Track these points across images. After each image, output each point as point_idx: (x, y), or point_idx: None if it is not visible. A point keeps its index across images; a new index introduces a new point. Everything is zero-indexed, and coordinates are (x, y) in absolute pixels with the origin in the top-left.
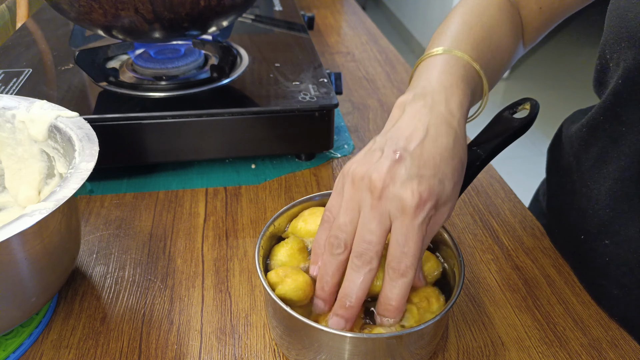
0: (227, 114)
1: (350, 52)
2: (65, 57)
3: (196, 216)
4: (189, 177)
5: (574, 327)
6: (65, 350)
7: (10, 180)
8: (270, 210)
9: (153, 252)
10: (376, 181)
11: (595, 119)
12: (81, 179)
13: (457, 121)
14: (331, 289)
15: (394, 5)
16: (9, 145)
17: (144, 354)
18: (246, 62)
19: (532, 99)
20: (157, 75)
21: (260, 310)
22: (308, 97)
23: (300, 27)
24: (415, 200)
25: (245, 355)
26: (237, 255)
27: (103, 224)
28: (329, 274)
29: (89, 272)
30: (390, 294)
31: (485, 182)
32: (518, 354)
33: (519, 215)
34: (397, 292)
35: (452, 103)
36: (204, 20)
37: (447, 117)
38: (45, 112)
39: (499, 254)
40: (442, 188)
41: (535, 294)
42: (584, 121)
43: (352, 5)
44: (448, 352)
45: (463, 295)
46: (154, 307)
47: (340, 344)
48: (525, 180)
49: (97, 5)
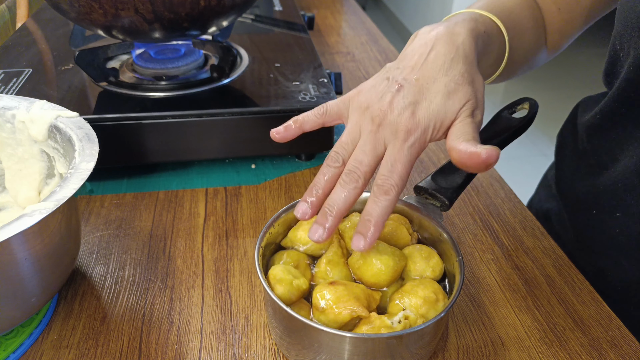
0: (227, 114)
1: (350, 52)
2: (65, 57)
3: (196, 216)
4: (189, 177)
5: (574, 327)
6: (65, 350)
7: (10, 181)
8: (270, 210)
9: (153, 252)
10: (377, 111)
11: (608, 105)
12: (81, 179)
13: (461, 39)
14: (319, 195)
15: (394, 5)
16: (9, 146)
17: (144, 354)
18: (246, 62)
19: (531, 98)
20: (157, 75)
21: (260, 310)
22: (308, 97)
23: (300, 27)
24: (407, 126)
25: (245, 355)
26: (237, 255)
27: (103, 224)
28: (321, 182)
29: (89, 272)
30: (371, 210)
31: (485, 182)
32: (518, 354)
33: (519, 215)
34: (378, 209)
35: (459, 27)
36: (204, 20)
37: (451, 37)
38: (45, 112)
39: (499, 254)
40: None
41: (535, 294)
42: (597, 109)
43: (352, 5)
44: (448, 352)
45: (463, 295)
46: (154, 307)
47: (340, 344)
48: (525, 180)
49: (97, 5)
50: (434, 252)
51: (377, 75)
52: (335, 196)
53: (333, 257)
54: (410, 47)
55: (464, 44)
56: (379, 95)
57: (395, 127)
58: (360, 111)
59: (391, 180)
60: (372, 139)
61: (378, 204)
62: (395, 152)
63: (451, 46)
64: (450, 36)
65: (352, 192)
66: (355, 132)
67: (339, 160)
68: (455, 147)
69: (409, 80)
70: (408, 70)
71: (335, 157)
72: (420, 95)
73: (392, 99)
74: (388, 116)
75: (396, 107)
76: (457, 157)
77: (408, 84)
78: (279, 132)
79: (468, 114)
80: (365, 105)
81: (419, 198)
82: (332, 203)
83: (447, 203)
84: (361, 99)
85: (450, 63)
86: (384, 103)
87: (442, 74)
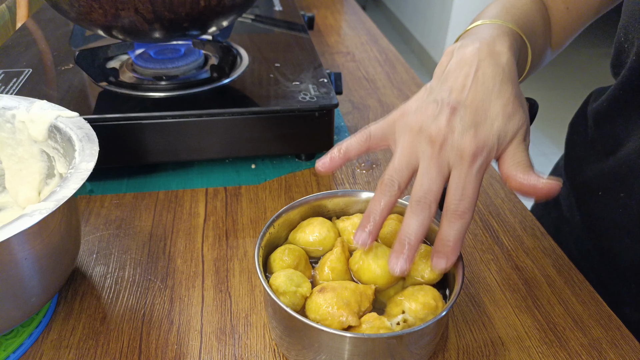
0: (227, 114)
1: (350, 52)
2: (65, 57)
3: (196, 216)
4: (189, 177)
5: (574, 327)
6: (66, 350)
7: (10, 181)
8: (270, 210)
9: (153, 252)
10: (436, 135)
11: (615, 93)
12: (81, 179)
13: (505, 59)
14: (377, 223)
15: (394, 5)
16: (9, 146)
17: (144, 354)
18: (246, 62)
19: (531, 98)
20: (157, 75)
21: (260, 310)
22: (308, 97)
23: (300, 27)
24: (473, 148)
25: (245, 355)
26: (237, 255)
27: (103, 224)
28: (377, 209)
29: (89, 272)
30: (448, 235)
31: (485, 182)
32: (518, 354)
33: (519, 215)
34: (455, 233)
35: (499, 45)
36: (204, 20)
37: (494, 57)
38: (45, 112)
39: (499, 254)
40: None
41: (535, 294)
42: (604, 97)
43: (352, 5)
44: (448, 352)
45: (463, 295)
46: (154, 307)
47: (340, 344)
48: None
49: (97, 5)
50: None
51: (419, 96)
52: (410, 228)
53: (336, 265)
54: (451, 66)
55: (508, 64)
56: (432, 117)
57: (459, 149)
58: (412, 134)
59: (463, 206)
60: (435, 164)
61: (454, 228)
62: (464, 176)
63: (497, 67)
64: (493, 56)
65: (427, 220)
66: (410, 155)
67: (394, 185)
68: (515, 176)
69: (462, 102)
70: (457, 92)
71: (390, 184)
72: (478, 116)
73: (449, 121)
74: (449, 138)
75: (456, 128)
76: (517, 187)
77: (462, 106)
78: (324, 165)
79: (522, 139)
80: (417, 127)
81: None
82: (407, 234)
83: None
84: (410, 121)
85: (500, 85)
86: (440, 125)
87: (495, 97)
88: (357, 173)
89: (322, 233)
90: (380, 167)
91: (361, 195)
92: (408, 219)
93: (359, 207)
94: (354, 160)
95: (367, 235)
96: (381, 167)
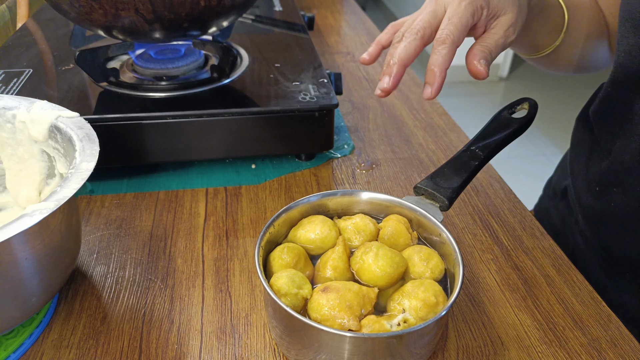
0: (227, 114)
1: (350, 52)
2: (65, 57)
3: (196, 216)
4: (189, 177)
5: (574, 327)
6: (66, 350)
7: (10, 181)
8: (270, 210)
9: (153, 252)
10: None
11: (606, 92)
12: (82, 179)
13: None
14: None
15: (394, 5)
16: (9, 146)
17: (145, 354)
18: (246, 62)
19: (530, 99)
20: (157, 75)
21: (260, 310)
22: (308, 97)
23: (300, 27)
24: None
25: (245, 355)
26: (237, 255)
27: (103, 223)
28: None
29: (89, 272)
30: (434, 60)
31: (485, 182)
32: (518, 353)
33: (519, 215)
34: (437, 58)
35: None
36: (204, 21)
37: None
38: (46, 112)
39: (499, 253)
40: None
41: (535, 294)
42: (599, 96)
43: (352, 5)
44: (448, 351)
45: (463, 295)
46: (154, 307)
47: (340, 344)
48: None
49: (97, 5)
50: (434, 253)
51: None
52: (395, 49)
53: (339, 264)
54: None
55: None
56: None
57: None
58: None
59: (447, 30)
60: (432, 4)
61: (438, 54)
62: (452, 9)
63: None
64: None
65: (412, 42)
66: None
67: (394, 27)
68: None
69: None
70: None
71: (390, 26)
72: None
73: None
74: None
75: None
76: (467, 67)
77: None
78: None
79: (505, 27)
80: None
81: (418, 198)
82: (393, 54)
83: (447, 203)
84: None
85: None
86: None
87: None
88: (357, 173)
89: (323, 231)
90: (381, 167)
91: (361, 195)
92: (395, 44)
93: (360, 207)
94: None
95: (369, 52)
96: (381, 167)
